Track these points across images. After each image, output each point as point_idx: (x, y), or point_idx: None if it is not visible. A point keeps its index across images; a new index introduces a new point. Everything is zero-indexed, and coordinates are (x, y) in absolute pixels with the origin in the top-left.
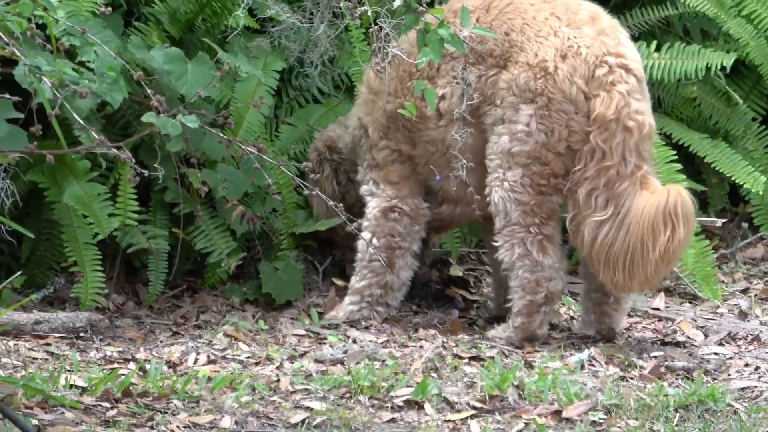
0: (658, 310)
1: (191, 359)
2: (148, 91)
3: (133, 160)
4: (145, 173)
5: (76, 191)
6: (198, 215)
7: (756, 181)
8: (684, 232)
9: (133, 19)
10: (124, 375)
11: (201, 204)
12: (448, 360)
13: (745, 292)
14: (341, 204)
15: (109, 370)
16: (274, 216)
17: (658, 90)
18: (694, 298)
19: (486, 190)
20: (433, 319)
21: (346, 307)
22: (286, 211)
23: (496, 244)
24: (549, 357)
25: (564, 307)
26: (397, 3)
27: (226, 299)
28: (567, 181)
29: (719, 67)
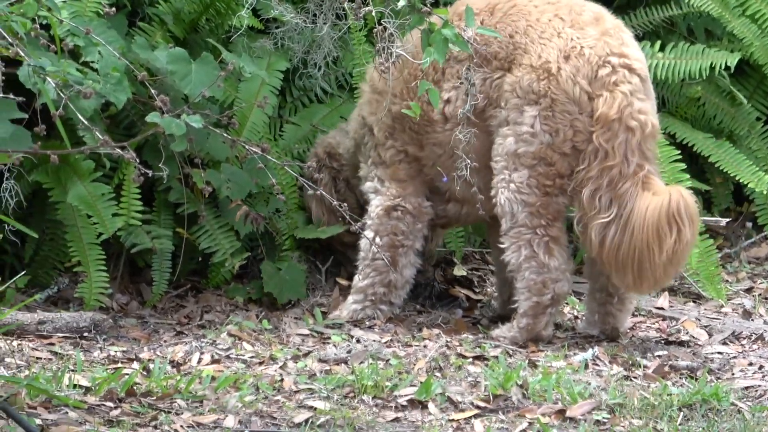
0: (662, 309)
1: (195, 359)
2: (152, 91)
3: (137, 160)
4: (149, 173)
5: (80, 191)
6: (202, 215)
7: (760, 180)
8: (690, 233)
9: (137, 20)
10: (127, 375)
11: (205, 204)
12: (451, 359)
13: (749, 291)
14: (345, 204)
15: (112, 370)
16: (278, 216)
17: (663, 90)
18: (698, 298)
19: (492, 192)
20: (437, 319)
21: (349, 307)
22: (289, 212)
23: (502, 246)
24: (553, 356)
25: (568, 307)
26: (402, 3)
27: (229, 299)
28: (572, 181)
29: (723, 66)
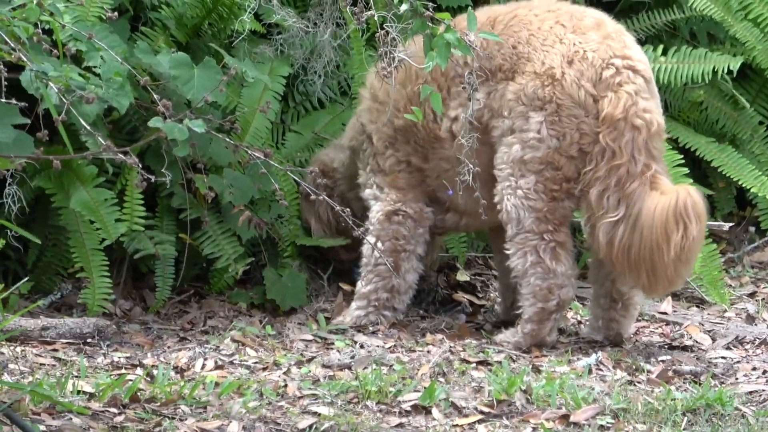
0: (665, 314)
1: (198, 365)
2: (155, 96)
3: (139, 166)
4: (152, 178)
5: (83, 197)
6: (205, 221)
7: (763, 185)
8: (697, 230)
9: (139, 24)
10: (131, 381)
11: (208, 209)
12: (455, 365)
13: (752, 296)
14: (348, 209)
15: (116, 376)
16: (280, 222)
17: (665, 94)
18: (701, 302)
19: (496, 199)
20: (440, 324)
21: (353, 312)
22: (291, 218)
23: (507, 252)
24: (556, 361)
25: (571, 312)
26: (404, 7)
27: (233, 304)
28: (579, 184)
29: (726, 70)
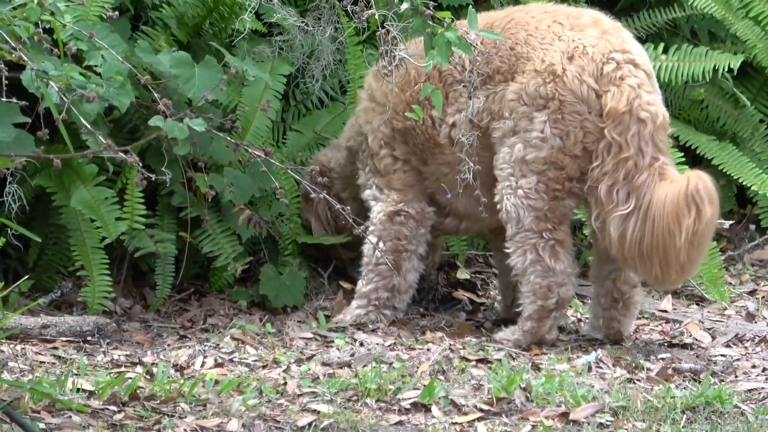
0: (665, 312)
1: (198, 362)
2: (155, 95)
3: (140, 164)
4: (152, 177)
5: (84, 195)
6: (205, 219)
7: (763, 183)
8: (710, 211)
9: (140, 23)
10: (131, 378)
11: (208, 208)
12: (455, 362)
13: (752, 294)
14: (347, 208)
15: (116, 374)
16: (281, 220)
17: (666, 92)
18: (701, 300)
19: (496, 199)
20: (440, 322)
21: (353, 311)
22: (292, 216)
23: (507, 251)
24: (556, 359)
25: (571, 310)
26: (405, 6)
27: (232, 303)
28: (581, 184)
29: (727, 69)
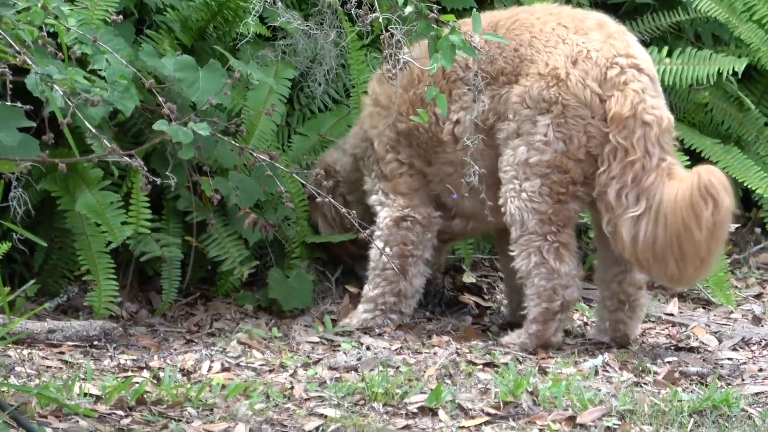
0: (671, 315)
1: (205, 367)
2: (160, 99)
3: (145, 168)
4: (157, 181)
5: (89, 200)
6: (210, 223)
7: None
8: (728, 200)
9: (144, 27)
10: (138, 383)
11: (213, 212)
12: (461, 366)
13: (758, 297)
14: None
15: (123, 379)
16: (287, 224)
17: (670, 95)
18: (707, 304)
19: (500, 201)
20: (446, 326)
21: (359, 315)
22: (298, 220)
23: (512, 254)
24: (563, 363)
25: (577, 313)
26: (409, 9)
27: (239, 307)
28: (585, 187)
29: (731, 72)
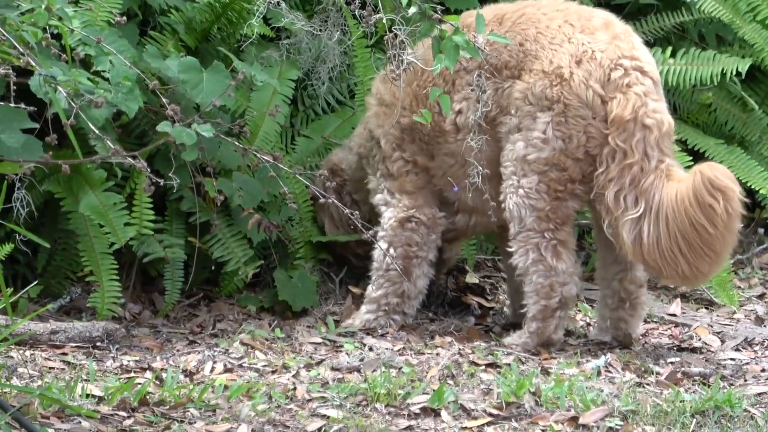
0: (674, 316)
1: (208, 368)
2: (164, 100)
3: (148, 170)
4: (161, 182)
5: (92, 201)
6: (214, 224)
7: None
8: (737, 189)
9: (148, 29)
10: (140, 384)
11: (217, 213)
12: (464, 367)
13: (761, 297)
14: (357, 212)
15: (125, 379)
16: (290, 225)
17: (674, 96)
18: (710, 304)
19: (501, 197)
20: (449, 327)
21: (362, 316)
22: (302, 221)
23: (510, 250)
24: (565, 363)
25: (580, 314)
26: (412, 10)
27: (242, 308)
28: (584, 186)
29: (735, 72)
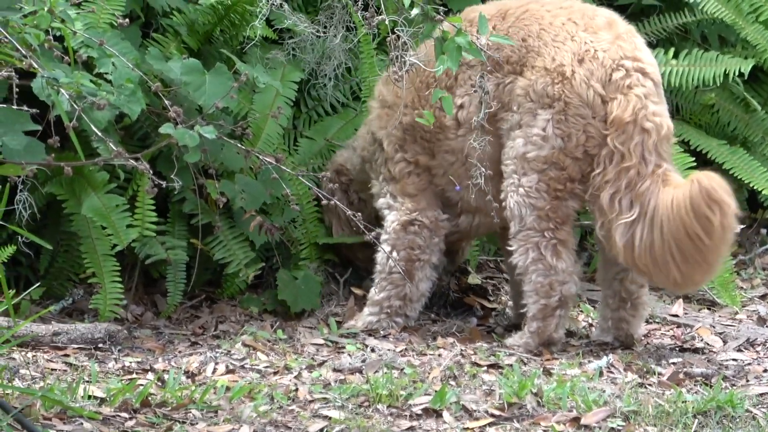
0: (676, 316)
1: (210, 369)
2: (166, 102)
3: (150, 171)
4: (163, 184)
5: (95, 203)
6: (216, 226)
7: None
8: (732, 202)
9: (150, 31)
10: (142, 385)
11: (219, 215)
12: (466, 368)
13: (763, 298)
14: (359, 213)
15: (127, 381)
16: (293, 226)
17: (676, 97)
18: (712, 305)
19: (501, 196)
20: (451, 328)
21: (365, 318)
22: (305, 222)
23: (510, 249)
24: (567, 364)
25: (582, 315)
26: (415, 12)
27: (244, 309)
28: (583, 185)
29: (737, 73)
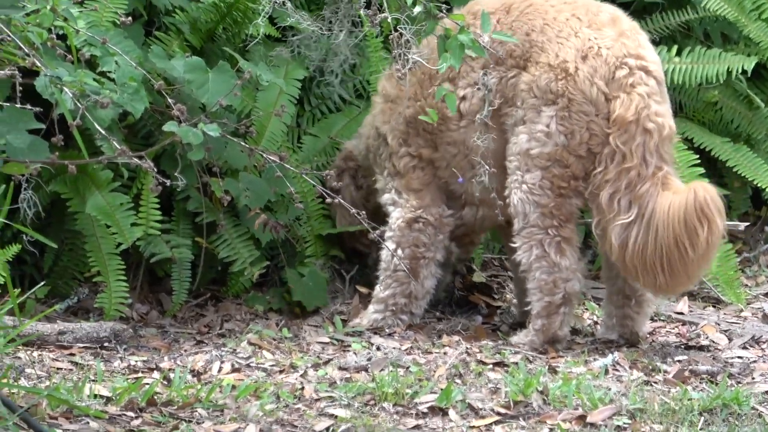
0: (681, 314)
1: (215, 368)
2: (170, 100)
3: (155, 170)
4: (167, 182)
5: (99, 201)
6: (221, 224)
7: None
8: (721, 224)
9: (153, 29)
10: (148, 384)
11: (223, 213)
12: (472, 366)
13: None
14: (363, 212)
15: (133, 380)
16: (298, 224)
17: (680, 94)
18: (717, 302)
19: (506, 192)
20: (456, 326)
21: (370, 316)
22: (310, 219)
23: (514, 246)
24: (573, 362)
25: (587, 313)
26: (417, 9)
27: (249, 308)
28: (586, 183)
29: (740, 70)
